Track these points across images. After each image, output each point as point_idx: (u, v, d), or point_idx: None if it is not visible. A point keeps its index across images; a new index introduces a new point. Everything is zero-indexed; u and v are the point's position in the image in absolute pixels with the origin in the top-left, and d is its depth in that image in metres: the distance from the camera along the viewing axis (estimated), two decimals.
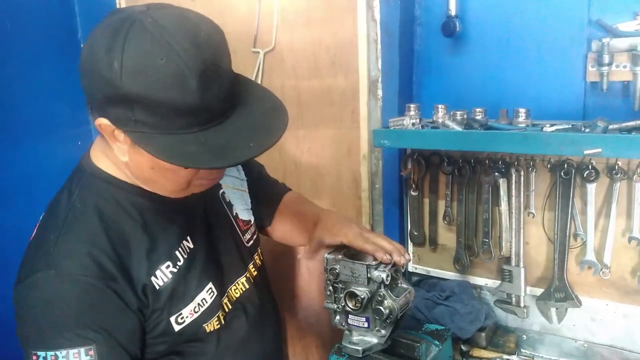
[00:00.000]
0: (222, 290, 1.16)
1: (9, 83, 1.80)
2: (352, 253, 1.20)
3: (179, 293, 1.05)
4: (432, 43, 1.61)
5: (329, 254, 1.20)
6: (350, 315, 1.19)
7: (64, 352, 0.91)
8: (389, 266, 1.14)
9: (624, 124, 1.23)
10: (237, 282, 1.22)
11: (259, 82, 1.79)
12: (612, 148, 1.19)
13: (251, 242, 1.30)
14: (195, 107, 0.86)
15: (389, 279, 1.13)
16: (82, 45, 0.90)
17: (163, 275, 1.03)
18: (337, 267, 1.17)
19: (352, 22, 1.59)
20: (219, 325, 1.13)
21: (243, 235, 1.27)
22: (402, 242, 1.73)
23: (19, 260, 1.00)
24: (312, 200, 1.81)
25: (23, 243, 1.02)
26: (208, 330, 1.11)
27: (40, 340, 0.93)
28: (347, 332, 1.23)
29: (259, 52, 1.77)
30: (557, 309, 1.51)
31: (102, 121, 0.91)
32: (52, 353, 0.91)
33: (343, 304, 1.18)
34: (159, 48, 0.83)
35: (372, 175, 1.70)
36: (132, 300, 0.98)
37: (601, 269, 1.43)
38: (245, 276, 1.24)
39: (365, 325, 1.17)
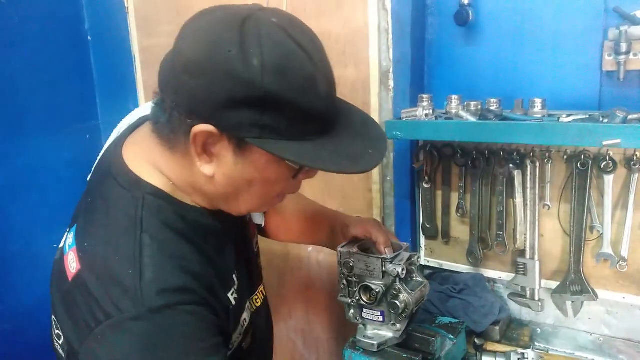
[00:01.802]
0: (252, 303, 1.12)
1: (17, 77, 1.79)
2: (365, 247, 1.19)
3: (235, 318, 1.00)
4: (444, 32, 1.58)
5: (342, 247, 1.19)
6: (364, 309, 1.18)
7: None
8: (404, 259, 1.12)
9: None
10: (259, 292, 1.18)
11: None
12: (632, 138, 1.16)
13: (256, 247, 1.26)
14: (321, 113, 0.83)
15: (404, 272, 1.11)
16: (179, 48, 0.81)
17: (230, 302, 0.97)
18: (352, 260, 1.15)
19: (363, 12, 1.57)
20: (251, 342, 1.08)
21: (253, 239, 1.23)
22: (414, 235, 1.72)
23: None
24: (323, 194, 1.80)
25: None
26: (245, 349, 1.06)
27: None
28: (361, 326, 1.22)
29: None
30: (572, 302, 1.49)
31: (205, 128, 0.80)
32: None
33: (357, 298, 1.16)
34: (295, 48, 0.79)
35: (384, 168, 1.69)
36: (224, 320, 0.93)
37: (618, 262, 1.41)
38: (262, 282, 1.22)
39: (381, 319, 1.15)
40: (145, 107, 1.02)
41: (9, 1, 1.75)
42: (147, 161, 0.91)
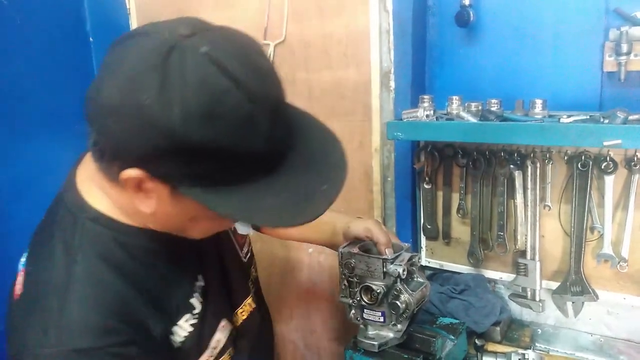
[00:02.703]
0: (232, 319, 1.07)
1: (18, 78, 1.79)
2: (366, 247, 1.19)
3: (195, 344, 0.93)
4: (445, 33, 1.58)
5: (343, 248, 1.19)
6: (365, 310, 1.18)
7: None
8: (405, 260, 1.12)
9: None
10: (244, 305, 1.12)
11: None
12: (633, 139, 1.16)
13: (248, 255, 1.19)
14: (263, 153, 0.73)
15: (405, 273, 1.12)
16: (101, 80, 0.73)
17: (181, 331, 0.91)
18: (352, 261, 1.15)
19: (364, 13, 1.57)
20: (229, 358, 1.04)
21: (241, 249, 1.16)
22: (415, 235, 1.72)
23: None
24: None
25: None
26: None
27: None
28: (362, 326, 1.22)
29: (269, 45, 1.75)
30: (573, 302, 1.49)
31: (134, 173, 0.72)
32: None
33: (358, 299, 1.16)
34: (226, 87, 0.68)
35: (384, 169, 1.69)
36: (161, 353, 0.88)
37: (618, 262, 1.41)
38: (250, 295, 1.16)
39: (381, 319, 1.16)
40: None
41: (11, 2, 1.75)
42: (94, 183, 0.84)
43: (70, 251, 0.82)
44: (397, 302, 1.11)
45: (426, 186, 1.64)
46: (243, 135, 0.69)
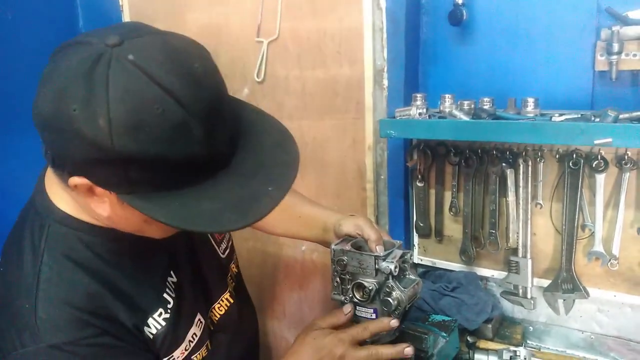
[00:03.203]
0: (208, 314, 1.09)
1: (9, 75, 1.79)
2: (358, 245, 1.19)
3: (171, 337, 0.95)
4: (438, 32, 1.58)
5: (335, 245, 1.19)
6: (357, 307, 1.18)
7: None
8: (397, 257, 1.13)
9: (634, 114, 1.21)
10: (221, 300, 1.14)
11: (262, 72, 1.78)
12: (623, 138, 1.17)
13: (227, 251, 1.20)
14: (201, 158, 0.72)
15: (397, 270, 1.12)
16: (38, 93, 0.74)
17: (156, 324, 0.93)
18: (345, 258, 1.15)
19: (358, 11, 1.57)
20: (206, 352, 1.06)
21: (219, 246, 1.17)
22: (408, 233, 1.72)
23: None
24: (317, 192, 1.80)
25: None
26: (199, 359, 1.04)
27: None
28: (354, 323, 1.22)
29: (262, 42, 1.75)
30: (564, 300, 1.50)
31: (78, 181, 0.74)
32: None
33: (351, 295, 1.17)
34: (153, 95, 0.67)
35: (377, 166, 1.69)
36: (135, 342, 0.90)
37: (609, 260, 1.42)
38: (228, 291, 1.17)
39: (373, 316, 1.16)
40: None
41: None
42: (59, 185, 0.85)
43: (37, 252, 0.84)
44: (389, 299, 1.12)
45: (419, 184, 1.65)
46: (175, 142, 0.69)
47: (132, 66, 0.68)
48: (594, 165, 1.37)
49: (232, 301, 1.17)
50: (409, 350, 1.06)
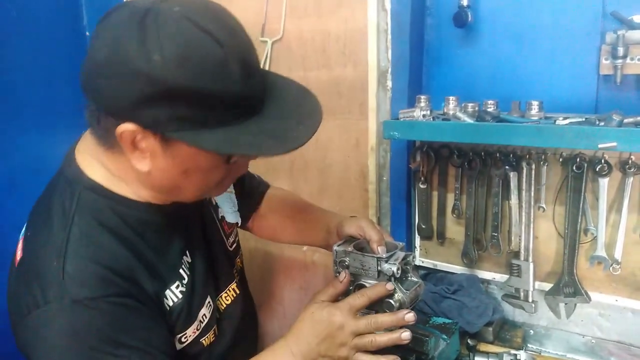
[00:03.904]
0: (217, 300, 1.13)
1: (14, 72, 1.79)
2: (360, 246, 1.19)
3: (185, 313, 1.00)
4: (443, 34, 1.58)
5: (337, 246, 1.19)
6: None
7: None
8: (400, 259, 1.12)
9: (639, 118, 1.21)
10: (229, 289, 1.18)
11: None
12: (627, 142, 1.17)
13: (234, 245, 1.25)
14: (239, 97, 0.81)
15: (399, 272, 1.11)
16: (91, 48, 0.82)
17: (173, 295, 0.98)
18: (347, 259, 1.15)
19: (362, 12, 1.57)
20: (214, 338, 1.09)
21: (227, 238, 1.23)
22: (410, 235, 1.72)
23: None
24: (319, 194, 1.80)
25: None
26: (205, 345, 1.07)
27: None
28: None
29: (266, 42, 1.75)
30: (565, 304, 1.50)
31: (127, 127, 0.80)
32: None
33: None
34: (198, 36, 0.77)
35: (380, 168, 1.69)
36: (155, 309, 0.93)
37: (611, 265, 1.41)
38: (235, 281, 1.21)
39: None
40: None
41: None
42: (91, 155, 0.93)
43: (67, 215, 0.89)
44: (391, 300, 1.11)
45: (421, 186, 1.65)
46: (217, 77, 0.78)
47: (178, 15, 0.78)
48: (597, 169, 1.37)
49: (238, 292, 1.21)
50: (409, 316, 1.05)
